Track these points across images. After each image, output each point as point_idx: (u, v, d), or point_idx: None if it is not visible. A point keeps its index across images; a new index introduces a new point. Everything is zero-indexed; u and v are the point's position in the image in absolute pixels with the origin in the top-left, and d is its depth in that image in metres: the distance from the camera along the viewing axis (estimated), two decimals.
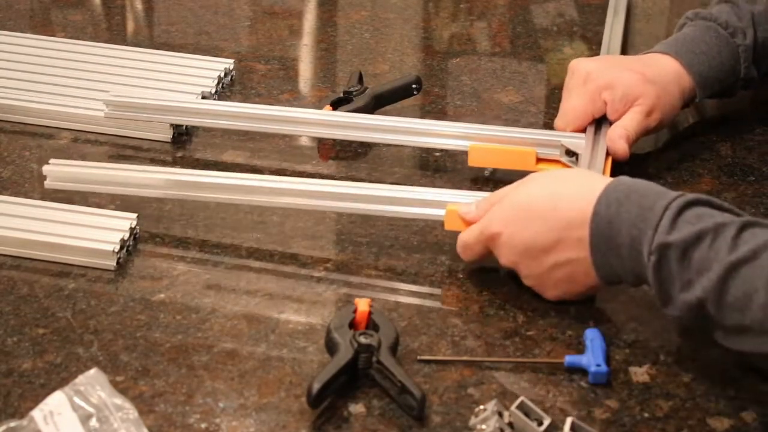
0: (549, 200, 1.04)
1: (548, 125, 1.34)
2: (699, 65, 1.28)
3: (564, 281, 1.05)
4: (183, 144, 1.31)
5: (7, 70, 1.41)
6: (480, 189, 1.23)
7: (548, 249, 1.04)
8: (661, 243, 0.96)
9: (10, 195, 1.20)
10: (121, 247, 1.12)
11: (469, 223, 1.10)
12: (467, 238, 1.09)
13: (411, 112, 1.38)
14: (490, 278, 1.11)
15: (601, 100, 1.26)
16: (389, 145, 1.30)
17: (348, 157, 1.30)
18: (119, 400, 0.91)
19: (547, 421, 0.93)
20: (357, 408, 0.96)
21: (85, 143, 1.31)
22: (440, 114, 1.38)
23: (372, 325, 1.01)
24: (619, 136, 1.23)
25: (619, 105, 1.25)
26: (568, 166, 1.23)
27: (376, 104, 1.35)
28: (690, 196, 0.98)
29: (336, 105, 1.33)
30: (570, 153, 1.23)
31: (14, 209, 1.16)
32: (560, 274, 1.05)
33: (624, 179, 1.03)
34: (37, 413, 0.90)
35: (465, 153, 1.24)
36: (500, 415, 0.93)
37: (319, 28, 1.62)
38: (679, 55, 1.28)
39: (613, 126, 1.25)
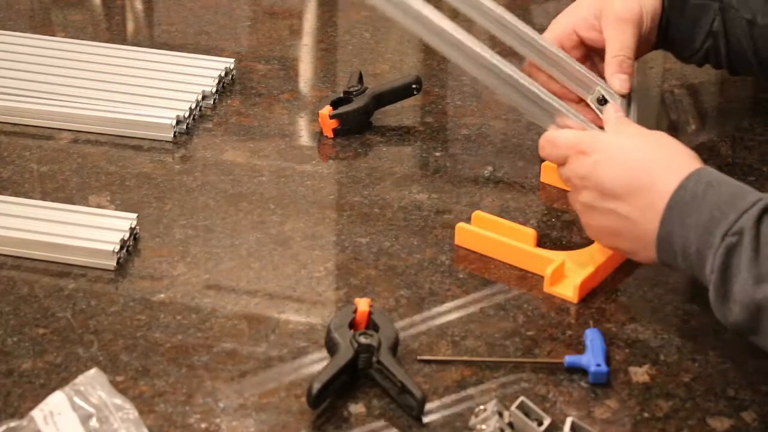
0: (646, 154, 1.04)
1: None
2: None
3: (610, 231, 1.05)
4: (183, 144, 1.31)
5: (7, 70, 1.41)
6: (480, 189, 1.24)
7: (616, 196, 1.03)
8: (741, 228, 0.94)
9: (10, 195, 1.20)
10: (121, 247, 1.12)
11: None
12: (558, 137, 1.10)
13: (411, 112, 1.38)
14: (491, 278, 1.11)
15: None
16: (389, 145, 1.30)
17: (348, 157, 1.30)
18: (119, 400, 0.91)
19: (547, 421, 0.93)
20: (357, 408, 0.96)
21: (85, 143, 1.31)
22: (440, 114, 1.38)
23: (372, 325, 1.01)
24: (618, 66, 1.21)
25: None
26: None
27: (376, 104, 1.35)
28: None
29: (336, 105, 1.33)
30: (602, 101, 1.21)
31: (14, 209, 1.16)
32: (612, 223, 1.04)
33: (711, 170, 1.01)
34: (37, 413, 0.90)
35: (465, 153, 1.24)
36: (500, 415, 0.93)
37: (319, 28, 1.62)
38: None
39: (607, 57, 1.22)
